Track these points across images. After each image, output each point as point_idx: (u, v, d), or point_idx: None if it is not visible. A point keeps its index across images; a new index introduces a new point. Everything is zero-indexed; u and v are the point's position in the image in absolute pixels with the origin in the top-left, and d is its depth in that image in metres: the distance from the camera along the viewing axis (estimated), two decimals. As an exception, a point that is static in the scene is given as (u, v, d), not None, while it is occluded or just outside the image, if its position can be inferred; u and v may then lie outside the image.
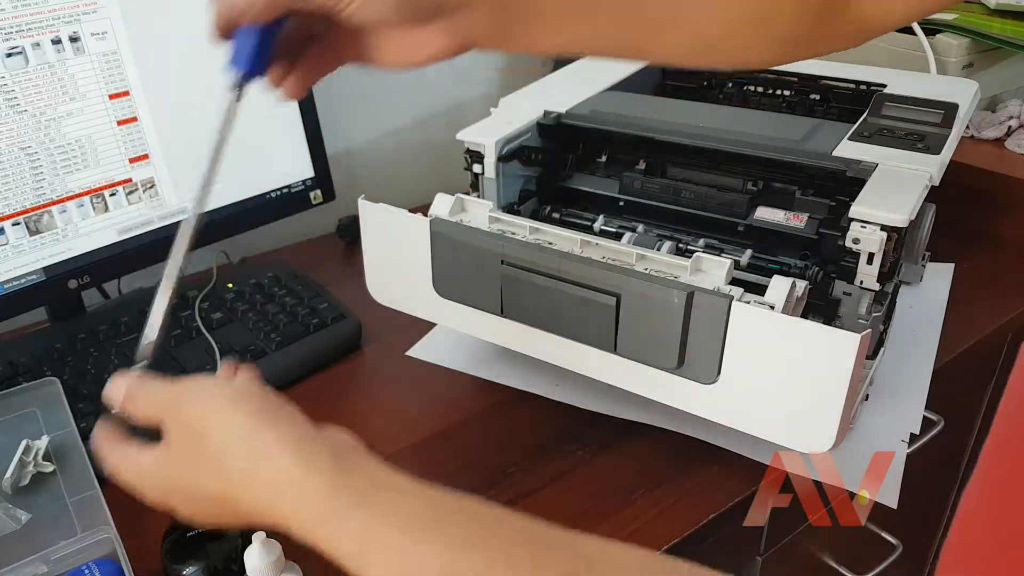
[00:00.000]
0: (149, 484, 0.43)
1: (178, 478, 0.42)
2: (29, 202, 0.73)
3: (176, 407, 0.42)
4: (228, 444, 0.40)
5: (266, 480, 0.38)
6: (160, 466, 0.42)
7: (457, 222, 0.66)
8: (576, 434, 0.70)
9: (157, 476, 0.43)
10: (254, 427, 0.40)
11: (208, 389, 0.42)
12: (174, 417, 0.42)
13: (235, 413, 0.40)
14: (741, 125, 0.75)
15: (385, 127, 1.15)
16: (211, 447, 0.40)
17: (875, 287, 0.64)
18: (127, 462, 0.43)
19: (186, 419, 0.41)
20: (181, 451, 0.41)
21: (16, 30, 0.69)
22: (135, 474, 0.43)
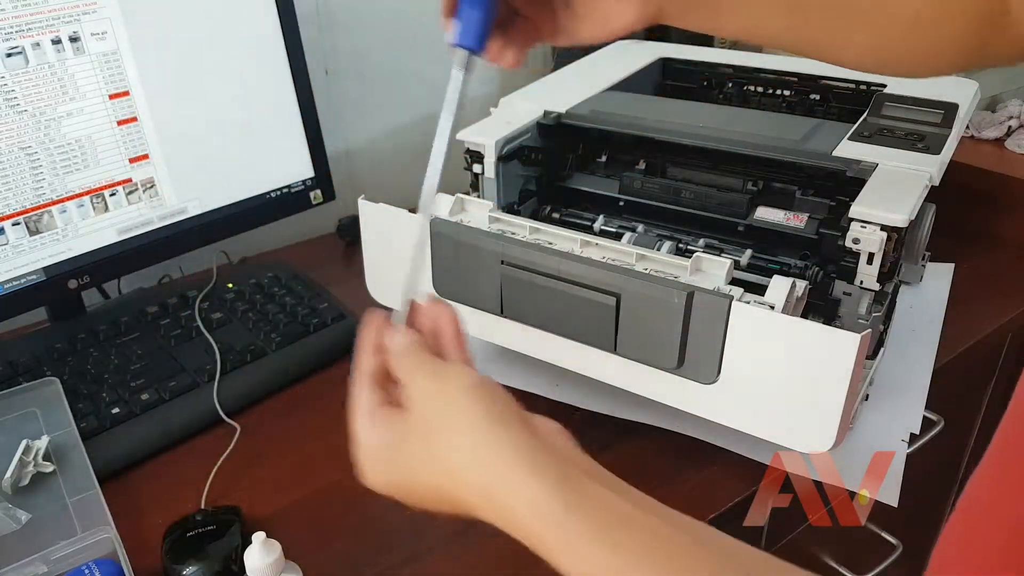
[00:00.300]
0: (369, 464, 0.43)
1: (400, 463, 0.42)
2: (29, 202, 0.73)
3: (421, 379, 0.42)
4: (458, 441, 0.40)
5: (495, 488, 0.39)
6: (388, 446, 0.42)
7: (457, 222, 0.66)
8: (576, 434, 0.69)
9: (379, 456, 0.43)
10: (492, 438, 0.40)
11: (449, 374, 0.42)
12: (415, 390, 0.42)
13: (467, 410, 0.40)
14: (741, 125, 0.75)
15: (385, 127, 1.15)
16: (440, 440, 0.40)
17: (875, 287, 0.64)
18: (362, 428, 0.43)
19: (424, 399, 0.41)
20: (412, 434, 0.41)
21: (16, 30, 0.69)
22: (363, 448, 0.43)
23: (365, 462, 0.43)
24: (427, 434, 0.41)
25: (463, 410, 0.40)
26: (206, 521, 0.59)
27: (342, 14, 1.05)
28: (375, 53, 1.10)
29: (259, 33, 0.85)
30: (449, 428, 0.40)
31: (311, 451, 0.69)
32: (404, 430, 0.42)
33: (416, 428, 0.41)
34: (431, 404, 0.41)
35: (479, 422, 0.40)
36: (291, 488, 0.65)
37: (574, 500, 0.38)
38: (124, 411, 0.70)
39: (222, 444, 0.69)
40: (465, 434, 0.40)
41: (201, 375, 0.74)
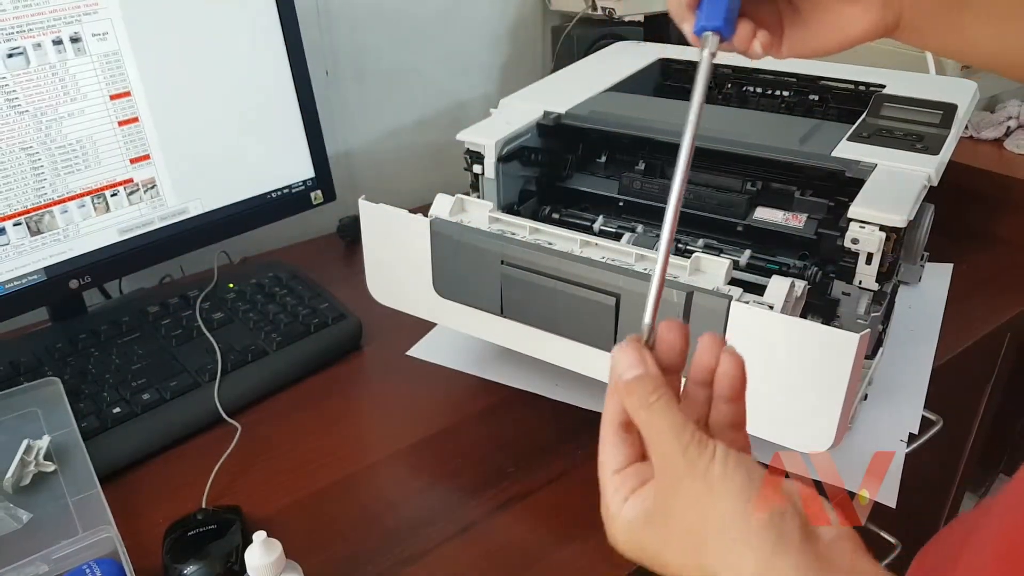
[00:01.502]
0: (624, 531, 0.39)
1: (654, 554, 0.38)
2: (30, 202, 0.73)
3: (684, 476, 0.36)
4: (726, 558, 0.35)
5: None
6: (641, 530, 0.38)
7: (457, 222, 0.67)
8: (576, 434, 0.70)
9: (632, 537, 0.39)
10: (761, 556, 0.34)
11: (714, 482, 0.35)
12: (678, 485, 0.36)
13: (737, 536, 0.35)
14: (740, 126, 0.75)
15: (385, 128, 1.15)
16: (706, 556, 0.35)
17: (874, 287, 0.64)
18: (613, 490, 0.39)
19: (688, 507, 0.36)
20: (669, 527, 0.37)
21: (17, 31, 0.70)
22: (612, 517, 0.39)
23: (615, 529, 0.39)
24: (688, 532, 0.36)
25: (731, 521, 0.35)
26: (207, 520, 0.59)
27: (342, 15, 1.05)
28: (375, 53, 1.10)
29: (259, 34, 0.85)
30: (715, 537, 0.35)
31: (312, 451, 0.70)
32: (660, 517, 0.37)
33: (674, 519, 0.36)
34: (692, 499, 0.36)
35: (753, 540, 0.34)
36: (292, 488, 0.66)
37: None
38: (125, 411, 0.70)
39: (223, 444, 0.69)
40: (737, 553, 0.34)
41: (202, 375, 0.74)
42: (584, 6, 1.12)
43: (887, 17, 0.43)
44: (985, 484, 1.29)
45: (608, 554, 0.59)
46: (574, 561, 0.59)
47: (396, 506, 0.64)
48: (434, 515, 0.63)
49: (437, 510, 0.63)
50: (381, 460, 0.69)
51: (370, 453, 0.69)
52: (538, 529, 0.62)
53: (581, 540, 0.60)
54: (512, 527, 0.62)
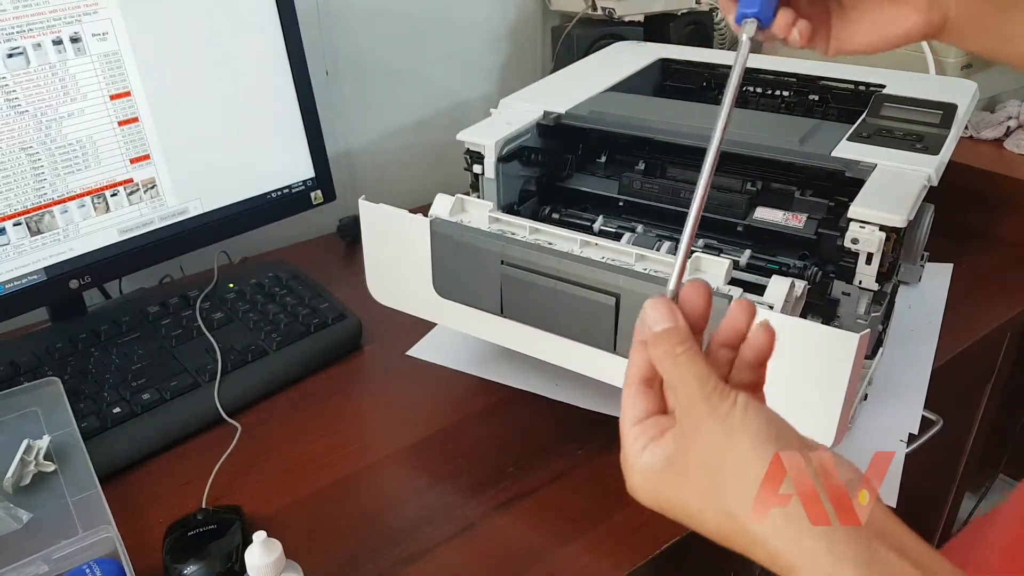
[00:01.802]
0: (642, 480, 0.39)
1: (676, 501, 0.38)
2: (30, 202, 0.73)
3: (704, 419, 0.37)
4: (745, 501, 0.35)
5: (786, 552, 0.35)
6: (662, 478, 0.39)
7: (457, 222, 0.67)
8: (576, 434, 0.70)
9: (652, 486, 0.39)
10: None
11: (735, 425, 0.37)
12: (698, 428, 0.37)
13: (756, 468, 0.35)
14: (740, 126, 0.75)
15: (385, 128, 1.15)
16: (726, 495, 0.36)
17: (874, 287, 0.64)
18: (632, 439, 0.40)
19: (708, 449, 0.37)
20: (689, 473, 0.38)
21: (17, 31, 0.70)
22: (631, 467, 0.40)
23: (633, 477, 0.40)
24: (708, 475, 0.37)
25: (752, 460, 0.36)
26: (207, 520, 0.59)
27: (342, 15, 1.05)
28: (375, 53, 1.10)
29: (260, 34, 0.85)
30: (735, 478, 0.36)
31: (312, 450, 0.70)
32: (680, 461, 0.38)
33: (693, 463, 0.37)
34: (712, 442, 0.37)
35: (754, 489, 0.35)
36: (292, 487, 0.66)
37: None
38: (125, 411, 0.70)
39: (223, 444, 0.69)
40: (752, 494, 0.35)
41: (202, 375, 0.74)
42: (584, 6, 1.12)
43: (933, 17, 0.43)
44: (985, 484, 1.29)
45: (608, 553, 0.59)
46: (574, 561, 0.59)
47: (396, 506, 0.64)
48: (434, 515, 0.63)
49: (437, 510, 0.63)
50: (381, 460, 0.69)
51: (370, 453, 0.69)
52: (538, 529, 0.62)
53: (581, 540, 0.60)
54: (512, 527, 0.62)
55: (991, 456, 1.19)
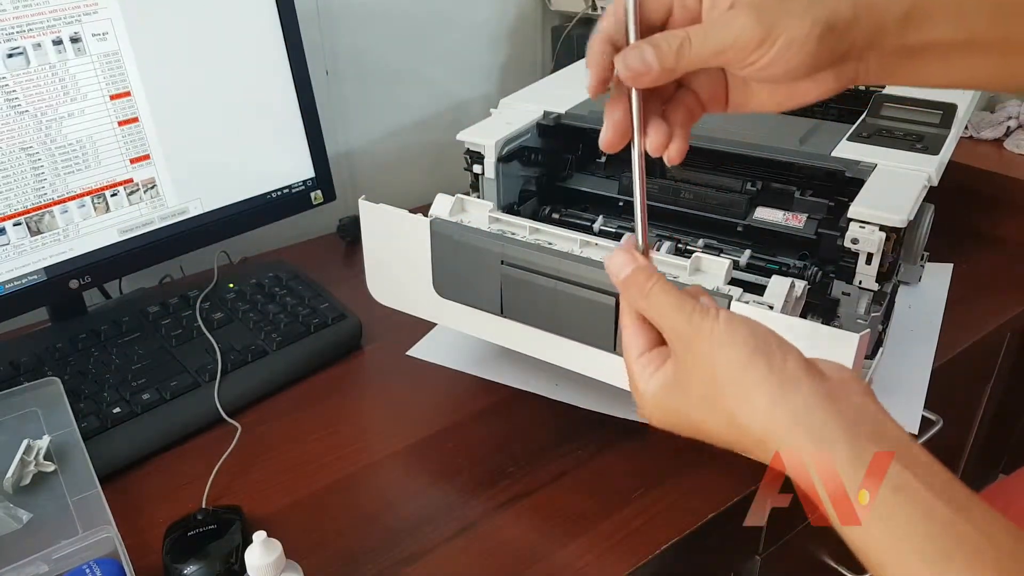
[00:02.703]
0: (652, 404, 0.43)
1: (684, 414, 0.42)
2: (30, 202, 0.73)
3: (692, 339, 0.40)
4: (742, 406, 0.39)
5: (781, 447, 0.38)
6: (667, 398, 0.42)
7: (457, 222, 0.67)
8: (576, 434, 0.70)
9: (661, 405, 0.42)
10: (771, 390, 0.38)
11: (720, 336, 0.40)
12: (689, 348, 0.40)
13: (749, 376, 0.39)
14: (740, 126, 0.75)
15: (385, 128, 1.15)
16: (725, 403, 0.39)
17: (874, 287, 0.64)
18: (638, 370, 0.43)
19: (698, 363, 0.40)
20: (691, 392, 0.41)
21: (17, 31, 0.70)
22: (641, 394, 0.43)
23: (645, 403, 0.43)
24: (705, 393, 0.40)
25: (741, 365, 0.39)
26: (207, 520, 0.59)
27: (342, 15, 1.05)
28: (375, 53, 1.10)
29: (260, 34, 0.85)
30: (728, 383, 0.39)
31: (312, 450, 0.70)
32: (681, 380, 0.41)
33: (692, 379, 0.40)
34: (703, 365, 0.40)
35: (761, 381, 0.38)
36: (292, 488, 0.66)
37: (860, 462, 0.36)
38: (125, 411, 0.70)
39: (223, 444, 0.69)
40: (747, 399, 0.38)
41: (202, 375, 0.74)
42: (584, 6, 1.12)
43: (841, 81, 0.43)
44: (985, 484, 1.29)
45: (608, 553, 0.59)
46: (574, 561, 0.59)
47: (396, 506, 0.64)
48: (434, 515, 0.63)
49: (437, 510, 0.63)
50: (381, 460, 0.69)
51: (370, 453, 0.69)
52: (538, 529, 0.62)
53: (581, 540, 0.60)
54: (512, 527, 0.62)
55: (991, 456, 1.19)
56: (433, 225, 0.67)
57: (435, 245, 0.67)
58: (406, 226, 0.68)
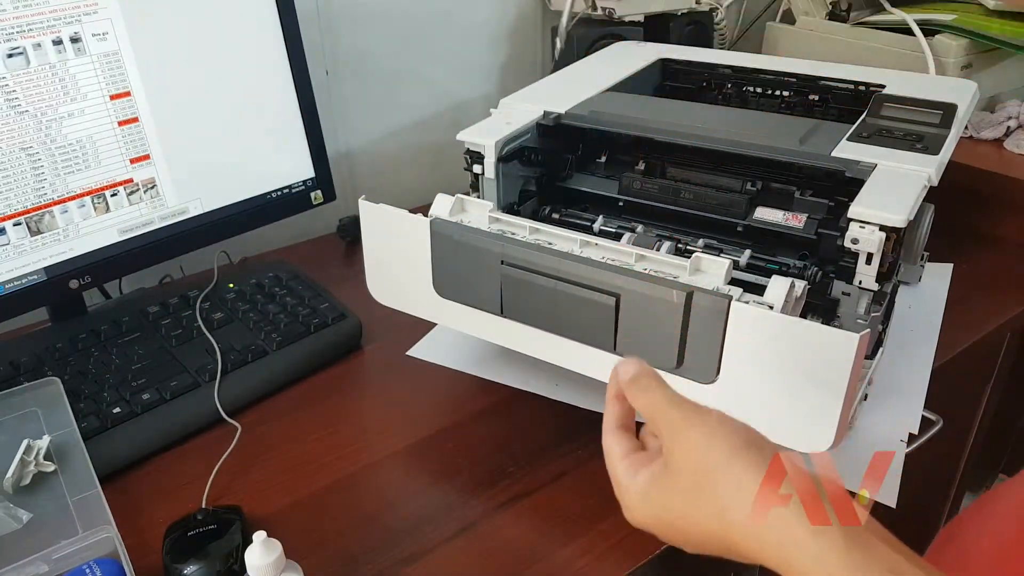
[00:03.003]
0: (638, 499, 0.44)
1: (671, 508, 0.43)
2: (30, 202, 0.73)
3: (682, 432, 0.43)
4: (734, 493, 0.40)
5: (775, 541, 0.39)
6: (655, 490, 0.43)
7: (457, 222, 0.67)
8: (576, 434, 0.70)
9: (648, 499, 0.44)
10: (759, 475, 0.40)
11: (713, 426, 0.42)
12: (677, 441, 0.43)
13: (741, 463, 0.40)
14: (740, 126, 0.75)
15: (386, 128, 1.15)
16: (715, 490, 0.40)
17: (874, 287, 0.64)
18: (623, 469, 0.45)
19: (691, 451, 0.42)
20: (680, 482, 0.42)
21: (17, 31, 0.70)
22: (627, 490, 0.45)
23: (631, 504, 0.45)
24: (696, 482, 0.41)
25: (734, 461, 0.40)
26: (207, 520, 0.59)
27: (342, 15, 1.05)
28: (375, 53, 1.10)
29: (260, 34, 0.85)
30: (721, 479, 0.40)
31: (312, 450, 0.70)
32: (670, 478, 0.42)
33: (683, 474, 0.42)
34: (695, 453, 0.42)
35: (754, 475, 0.40)
36: (292, 488, 0.66)
37: (859, 559, 0.37)
38: (125, 411, 0.70)
39: (223, 444, 0.69)
40: (740, 486, 0.40)
41: (202, 375, 0.74)
42: (584, 6, 1.12)
43: None
44: (985, 484, 1.29)
45: (608, 553, 0.59)
46: (574, 561, 0.59)
47: (396, 506, 0.64)
48: (434, 515, 0.63)
49: (437, 510, 0.63)
50: (381, 460, 0.69)
51: (370, 453, 0.69)
52: (538, 529, 0.62)
53: (581, 540, 0.60)
54: (512, 527, 0.62)
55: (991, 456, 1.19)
56: (433, 225, 0.67)
57: (435, 245, 0.67)
58: (406, 226, 0.68)
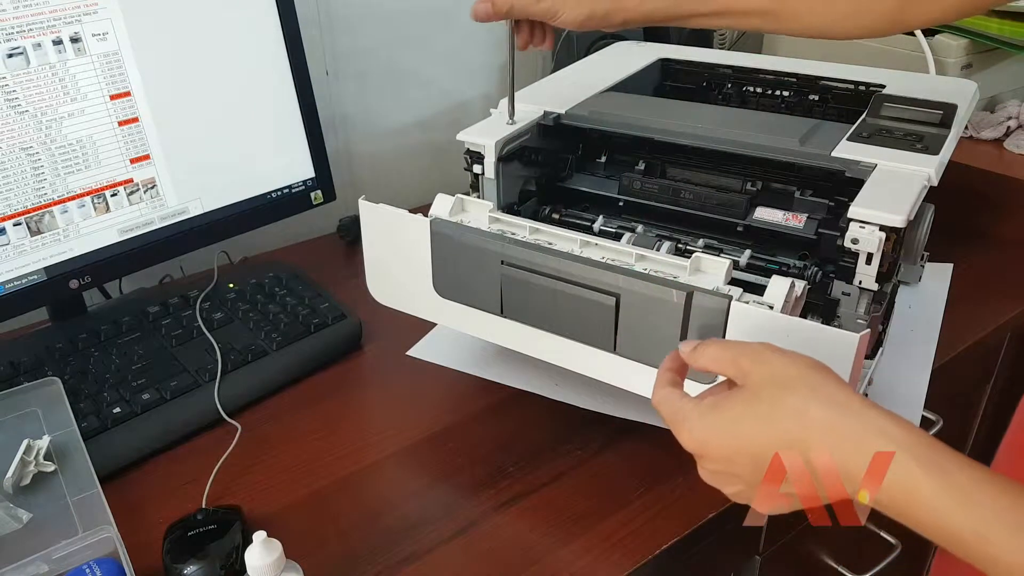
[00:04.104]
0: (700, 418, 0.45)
1: (741, 418, 0.43)
2: (30, 202, 0.73)
3: (759, 354, 0.44)
4: (815, 392, 0.42)
5: (857, 426, 0.40)
6: (727, 403, 0.44)
7: (457, 222, 0.67)
8: (576, 434, 0.70)
9: (717, 409, 0.44)
10: (839, 384, 0.42)
11: (788, 351, 0.45)
12: (758, 362, 0.44)
13: (818, 374, 0.43)
14: (740, 126, 0.75)
15: (386, 127, 1.15)
16: (797, 394, 0.42)
17: (874, 287, 0.64)
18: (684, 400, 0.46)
19: (772, 364, 0.44)
20: (760, 393, 0.43)
21: (17, 31, 0.70)
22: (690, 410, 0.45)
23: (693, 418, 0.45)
24: (779, 388, 0.42)
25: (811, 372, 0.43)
26: (207, 520, 0.59)
27: (342, 15, 1.05)
28: (375, 54, 1.10)
29: (260, 34, 0.85)
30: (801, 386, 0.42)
31: (312, 450, 0.70)
32: (747, 392, 0.44)
33: (763, 386, 0.43)
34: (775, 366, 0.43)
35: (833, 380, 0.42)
36: (292, 487, 0.66)
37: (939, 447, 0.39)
38: (125, 411, 0.70)
39: (223, 444, 0.69)
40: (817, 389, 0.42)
41: (202, 375, 0.74)
42: (584, 6, 1.11)
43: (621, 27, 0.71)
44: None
45: (608, 553, 0.59)
46: (574, 561, 0.59)
47: (396, 506, 0.65)
48: (434, 515, 0.63)
49: (437, 510, 0.63)
50: (381, 460, 0.69)
51: (370, 453, 0.69)
52: (538, 529, 0.62)
53: (581, 540, 0.60)
54: (512, 527, 0.62)
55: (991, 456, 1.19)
56: (433, 225, 0.67)
57: (435, 245, 0.67)
58: (406, 226, 0.68)
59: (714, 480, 0.46)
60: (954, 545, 0.37)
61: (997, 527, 0.36)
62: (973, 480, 0.37)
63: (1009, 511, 0.36)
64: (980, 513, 0.37)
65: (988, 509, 0.36)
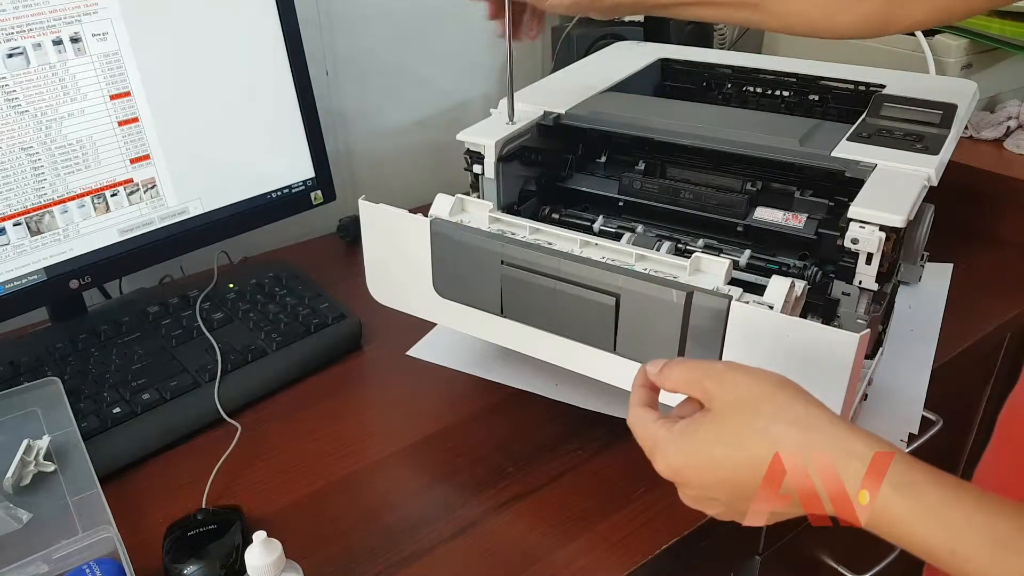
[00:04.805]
0: (673, 447, 0.44)
1: (712, 442, 0.43)
2: (30, 202, 0.73)
3: (722, 376, 0.44)
4: (780, 412, 0.42)
5: (825, 446, 0.40)
6: (693, 427, 0.44)
7: (457, 222, 0.67)
8: (576, 434, 0.70)
9: (687, 436, 0.44)
10: (807, 401, 0.42)
11: (754, 369, 0.45)
12: (723, 383, 0.44)
13: (785, 392, 0.43)
14: (740, 126, 0.75)
15: (385, 127, 1.15)
16: (762, 413, 0.42)
17: (874, 287, 0.64)
18: (657, 425, 0.46)
19: (737, 386, 0.43)
20: (727, 415, 0.43)
21: (17, 31, 0.70)
22: (661, 437, 0.45)
23: (666, 447, 0.45)
24: (744, 409, 0.42)
25: (778, 391, 0.43)
26: (207, 520, 0.59)
27: (343, 15, 1.05)
28: (375, 53, 1.10)
29: (260, 34, 0.85)
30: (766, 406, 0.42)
31: (312, 450, 0.70)
32: (714, 414, 0.43)
33: (729, 408, 0.43)
34: (740, 388, 0.43)
35: (802, 398, 0.42)
36: (292, 487, 0.66)
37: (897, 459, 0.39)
38: (125, 411, 0.70)
39: (223, 444, 0.69)
40: (784, 407, 0.42)
41: (202, 375, 0.74)
42: (584, 6, 1.11)
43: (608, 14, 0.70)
44: (985, 484, 1.29)
45: (608, 553, 0.59)
46: (574, 561, 0.59)
47: (396, 505, 0.65)
48: (434, 515, 0.63)
49: (437, 510, 0.63)
50: (381, 460, 0.69)
51: (370, 453, 0.69)
52: (538, 529, 0.62)
53: (581, 540, 0.60)
54: (512, 527, 0.62)
55: (991, 456, 1.19)
56: (433, 225, 0.67)
57: (435, 245, 0.67)
58: (406, 226, 0.68)
59: (695, 504, 0.46)
60: (933, 561, 0.37)
61: (973, 545, 0.36)
62: (945, 498, 0.37)
63: (985, 528, 0.36)
64: (955, 532, 0.36)
65: (962, 527, 0.36)
